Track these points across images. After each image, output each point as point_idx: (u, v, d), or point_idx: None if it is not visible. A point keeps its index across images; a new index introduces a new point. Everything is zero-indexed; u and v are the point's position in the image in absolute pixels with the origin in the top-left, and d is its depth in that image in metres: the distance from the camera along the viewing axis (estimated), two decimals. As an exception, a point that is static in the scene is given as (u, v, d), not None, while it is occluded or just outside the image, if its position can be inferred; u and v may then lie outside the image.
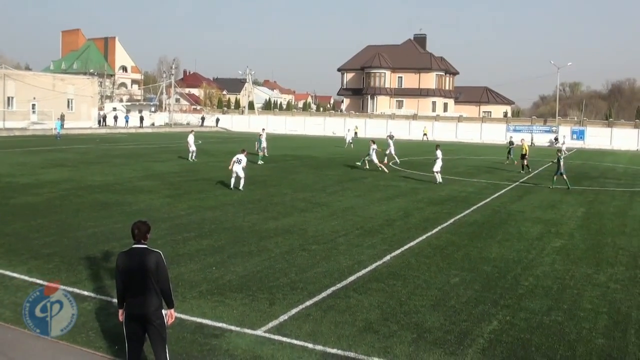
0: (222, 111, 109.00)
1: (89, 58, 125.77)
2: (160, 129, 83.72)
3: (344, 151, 48.60)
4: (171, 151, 44.82)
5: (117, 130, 76.45)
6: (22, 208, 19.01)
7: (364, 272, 12.45)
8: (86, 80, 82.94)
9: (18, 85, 70.33)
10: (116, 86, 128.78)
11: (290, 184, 26.82)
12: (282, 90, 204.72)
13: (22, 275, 11.71)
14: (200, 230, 16.05)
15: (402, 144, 62.95)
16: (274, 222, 17.59)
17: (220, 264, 12.77)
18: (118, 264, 6.85)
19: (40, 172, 28.88)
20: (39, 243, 14.31)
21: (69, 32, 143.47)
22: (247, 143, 46.99)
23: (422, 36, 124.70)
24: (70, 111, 76.48)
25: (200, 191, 23.52)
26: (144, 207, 19.66)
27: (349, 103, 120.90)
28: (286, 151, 47.61)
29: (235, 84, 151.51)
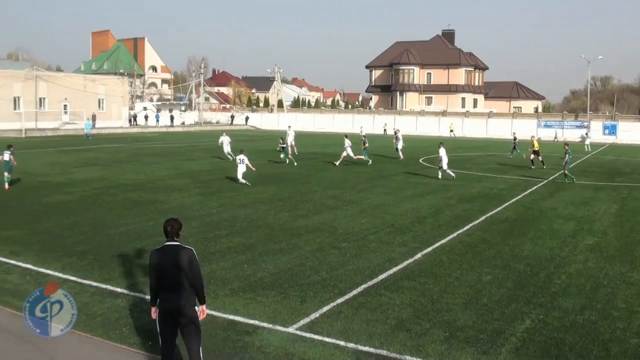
0: (251, 109, 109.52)
1: (118, 59, 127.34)
2: (190, 127, 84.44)
3: (373, 148, 48.42)
4: (201, 149, 45.16)
5: (148, 129, 77.26)
6: (56, 207, 19.34)
7: (395, 269, 12.40)
8: (116, 80, 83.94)
9: (50, 86, 71.50)
10: (146, 86, 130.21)
11: (319, 181, 26.84)
12: (311, 88, 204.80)
13: (55, 272, 11.92)
14: (231, 228, 16.15)
15: (432, 141, 62.58)
16: (304, 219, 17.62)
17: (252, 261, 12.83)
18: (151, 261, 6.91)
19: (73, 171, 29.35)
20: (72, 241, 14.55)
21: (99, 34, 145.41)
22: (275, 141, 47.10)
23: (450, 31, 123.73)
24: (102, 111, 77.53)
25: (231, 189, 23.66)
26: (175, 205, 19.85)
27: (377, 100, 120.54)
28: (315, 149, 47.65)
29: (264, 82, 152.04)
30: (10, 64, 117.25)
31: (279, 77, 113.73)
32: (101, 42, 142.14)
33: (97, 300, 10.32)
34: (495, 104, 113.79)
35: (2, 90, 66.07)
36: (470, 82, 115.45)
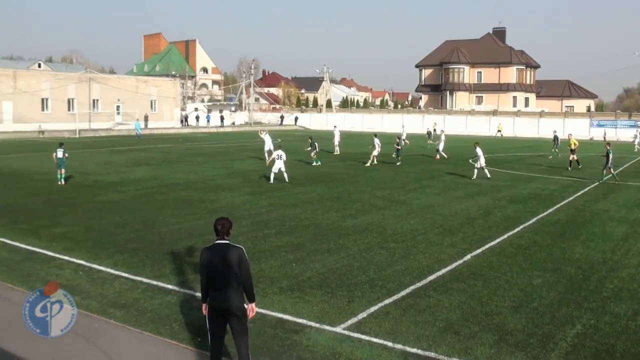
0: (301, 110, 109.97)
1: (170, 60, 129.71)
2: (240, 128, 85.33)
3: (423, 148, 48.05)
4: (251, 149, 45.57)
5: (199, 129, 78.40)
6: (108, 205, 19.82)
7: (444, 271, 12.28)
8: (168, 82, 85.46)
9: (103, 88, 73.27)
10: (197, 87, 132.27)
11: (368, 181, 26.77)
12: (359, 88, 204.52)
13: (108, 268, 12.23)
14: (280, 228, 16.26)
15: (482, 141, 61.70)
16: (352, 219, 17.60)
17: (300, 260, 12.89)
18: (202, 259, 7.00)
19: (125, 170, 30.01)
20: (124, 238, 14.89)
21: (151, 36, 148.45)
22: (325, 141, 47.25)
23: (501, 29, 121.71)
24: (154, 112, 79.05)
25: (280, 189, 23.81)
26: (225, 204, 20.09)
27: (427, 100, 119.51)
28: (364, 149, 47.51)
29: (313, 82, 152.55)
30: (64, 67, 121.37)
31: (328, 78, 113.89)
32: (153, 44, 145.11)
33: (148, 296, 10.53)
34: (546, 103, 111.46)
35: (57, 92, 68.09)
36: (521, 81, 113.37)
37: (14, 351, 8.11)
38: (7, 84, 63.30)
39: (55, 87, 67.95)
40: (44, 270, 12.03)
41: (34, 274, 11.75)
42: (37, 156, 37.63)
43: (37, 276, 11.62)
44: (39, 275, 11.67)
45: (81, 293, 10.63)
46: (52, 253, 13.37)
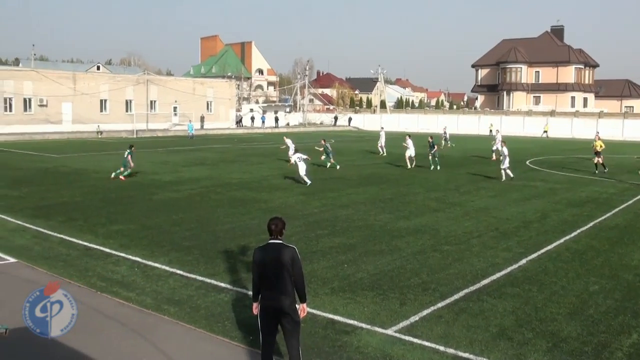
0: (355, 110, 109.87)
1: (226, 62, 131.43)
2: (294, 128, 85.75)
3: (479, 149, 47.35)
4: (305, 150, 45.68)
5: (254, 130, 79.20)
6: (165, 203, 20.23)
7: (498, 275, 12.06)
8: (224, 83, 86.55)
9: (160, 89, 74.77)
10: (253, 88, 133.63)
11: (422, 183, 26.54)
12: (414, 88, 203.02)
13: (163, 265, 12.48)
14: (332, 228, 16.28)
15: (540, 143, 60.42)
16: (405, 221, 17.48)
17: (352, 261, 12.87)
18: (255, 259, 7.07)
19: (181, 170, 30.56)
20: (179, 236, 15.16)
21: (208, 39, 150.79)
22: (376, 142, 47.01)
23: (559, 28, 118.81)
24: (210, 113, 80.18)
25: (333, 189, 23.84)
26: (279, 204, 20.24)
27: (483, 100, 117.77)
28: (418, 149, 47.07)
29: (367, 83, 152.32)
30: (123, 69, 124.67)
31: (382, 78, 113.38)
32: (210, 46, 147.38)
33: (201, 293, 10.69)
34: (605, 104, 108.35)
35: (115, 94, 69.83)
36: (580, 81, 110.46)
37: (71, 345, 8.35)
38: (67, 86, 65.15)
39: (113, 88, 69.72)
40: (100, 266, 12.37)
41: (90, 270, 12.09)
42: (95, 156, 38.70)
43: (94, 272, 11.95)
44: (96, 271, 12.00)
45: (136, 289, 10.88)
46: (109, 249, 13.73)
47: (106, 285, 11.07)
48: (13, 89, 61.01)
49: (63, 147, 45.23)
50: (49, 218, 17.37)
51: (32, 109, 62.66)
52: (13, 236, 15.16)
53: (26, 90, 62.05)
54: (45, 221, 16.89)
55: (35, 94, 62.44)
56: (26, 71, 65.77)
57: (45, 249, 13.83)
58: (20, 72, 65.70)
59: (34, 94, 62.43)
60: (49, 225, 16.31)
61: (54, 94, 63.62)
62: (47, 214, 18.07)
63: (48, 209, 18.88)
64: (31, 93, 62.32)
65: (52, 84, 63.78)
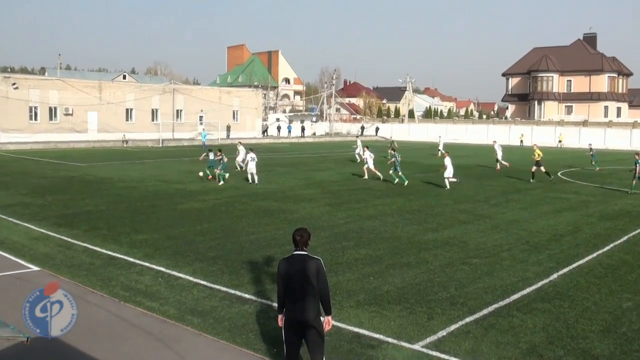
0: (382, 120, 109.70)
1: (253, 71, 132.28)
2: (321, 138, 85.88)
3: (509, 160, 46.81)
4: (331, 160, 45.84)
5: (280, 140, 79.46)
6: (189, 213, 20.37)
7: (528, 290, 11.90)
8: (251, 92, 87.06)
9: (186, 98, 75.50)
10: (279, 97, 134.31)
11: (450, 194, 26.36)
12: (443, 97, 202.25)
13: (187, 275, 12.55)
14: (358, 240, 16.24)
15: (573, 154, 59.66)
16: (433, 233, 17.37)
17: (378, 274, 12.82)
18: (279, 270, 7.08)
19: (207, 179, 30.68)
20: (204, 246, 15.24)
21: (234, 48, 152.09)
22: (406, 152, 46.92)
23: (592, 35, 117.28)
24: (236, 122, 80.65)
25: (359, 200, 23.80)
26: (304, 214, 20.26)
27: (514, 110, 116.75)
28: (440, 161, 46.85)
29: (395, 92, 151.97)
30: (149, 79, 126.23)
31: (410, 87, 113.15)
32: (236, 55, 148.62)
33: (225, 304, 10.71)
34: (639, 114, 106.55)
35: (141, 103, 70.71)
36: (613, 90, 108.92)
37: (94, 354, 8.41)
38: (93, 95, 66.12)
39: (139, 98, 70.60)
40: (124, 276, 12.48)
41: (114, 279, 12.20)
42: (121, 165, 39.16)
43: (117, 281, 12.06)
44: (119, 280, 12.11)
45: (160, 299, 10.95)
46: (133, 259, 13.86)
47: (129, 295, 11.16)
48: (39, 98, 62.06)
49: (88, 156, 45.86)
50: (72, 227, 17.61)
51: (57, 118, 63.68)
52: (37, 244, 15.38)
53: (52, 99, 63.11)
54: (69, 230, 17.13)
55: (61, 103, 63.49)
56: (52, 80, 66.90)
57: (69, 258, 14.00)
58: (46, 81, 66.82)
59: (60, 103, 63.47)
60: (72, 234, 16.53)
61: (80, 103, 64.67)
62: (71, 222, 18.32)
63: (72, 218, 19.14)
64: (57, 102, 63.36)
65: (78, 92, 64.83)
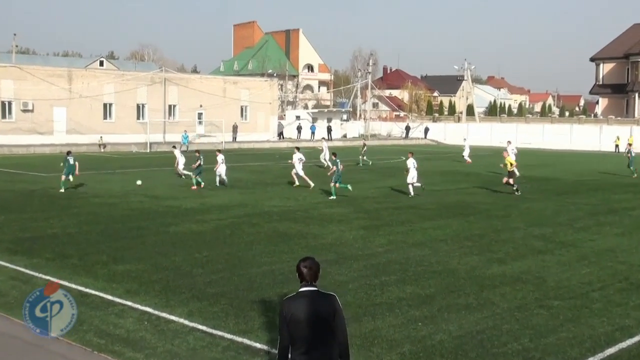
0: (433, 118, 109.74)
1: (266, 56, 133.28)
2: (353, 141, 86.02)
3: (601, 170, 46.47)
4: (367, 170, 45.83)
5: (301, 143, 79.63)
6: (185, 237, 20.44)
7: (629, 342, 11.75)
8: (264, 82, 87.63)
9: (181, 91, 76.21)
10: (300, 89, 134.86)
11: (522, 215, 26.20)
12: (512, 89, 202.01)
13: (180, 318, 12.54)
14: (402, 273, 16.17)
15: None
16: (500, 266, 17.26)
17: (429, 319, 12.74)
18: (284, 313, 6.96)
19: (207, 194, 30.90)
20: (203, 280, 15.26)
21: (243, 26, 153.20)
22: (460, 159, 46.76)
23: None
24: (244, 121, 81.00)
25: (403, 222, 23.74)
26: (332, 240, 20.24)
27: (606, 105, 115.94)
28: (520, 171, 46.58)
29: (450, 82, 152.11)
30: (133, 65, 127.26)
31: (470, 76, 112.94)
32: (246, 36, 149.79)
33: (230, 356, 10.71)
34: None
35: (124, 96, 71.49)
36: None
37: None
38: (60, 86, 66.83)
39: (121, 90, 71.44)
40: (99, 318, 12.48)
41: (86, 322, 12.14)
42: (97, 175, 39.62)
43: (91, 324, 12.02)
44: (93, 324, 12.08)
45: (146, 349, 10.96)
46: (111, 296, 13.88)
47: (106, 343, 11.16)
48: (-12, 90, 62.77)
49: (54, 164, 46.17)
50: (32, 254, 17.71)
51: (13, 115, 64.63)
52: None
53: (5, 91, 63.99)
54: (28, 258, 17.23)
55: (18, 97, 64.31)
56: (5, 67, 67.37)
57: (26, 294, 13.93)
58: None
59: (16, 97, 64.30)
60: (31, 264, 16.61)
61: (43, 96, 65.40)
62: (29, 249, 18.45)
63: (31, 243, 19.26)
64: (12, 95, 64.25)
65: (40, 83, 65.59)
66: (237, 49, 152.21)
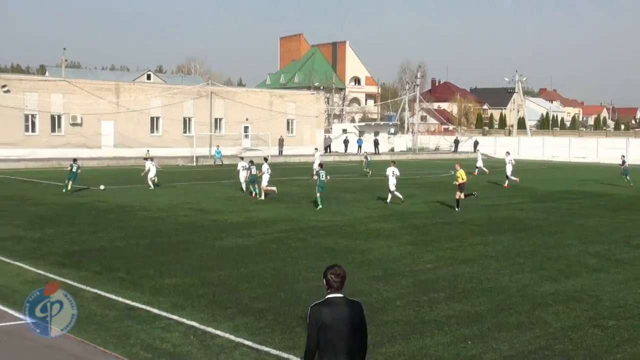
0: (482, 132, 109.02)
1: (313, 69, 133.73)
2: (401, 155, 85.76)
3: None
4: (416, 185, 45.62)
5: (347, 157, 79.65)
6: (230, 252, 20.57)
7: (689, 364, 11.49)
8: (310, 96, 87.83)
9: (228, 104, 76.79)
10: (347, 102, 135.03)
11: (576, 231, 25.84)
12: (565, 101, 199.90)
13: (226, 333, 12.60)
14: (452, 291, 16.06)
15: None
16: (552, 284, 17.04)
17: (479, 337, 12.62)
18: (314, 318, 7.18)
19: (252, 208, 31.06)
20: (248, 295, 15.32)
21: (289, 39, 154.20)
22: (518, 173, 46.35)
23: None
24: (290, 134, 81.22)
25: (452, 238, 23.58)
26: (379, 255, 20.19)
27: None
28: (571, 185, 46.08)
29: (500, 95, 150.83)
30: (180, 79, 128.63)
31: (521, 88, 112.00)
32: (292, 49, 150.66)
33: (276, 373, 10.68)
34: None
35: (170, 110, 72.24)
36: None
37: None
38: (108, 100, 67.73)
39: (168, 103, 72.16)
40: (145, 332, 12.62)
41: (132, 336, 12.33)
42: (143, 189, 39.89)
43: (137, 338, 12.19)
44: (139, 338, 12.24)
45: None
46: (157, 310, 14.02)
47: (152, 357, 11.26)
48: (38, 104, 63.90)
49: (101, 177, 46.91)
50: (80, 267, 17.98)
51: (62, 129, 65.64)
52: (32, 289, 15.65)
53: (55, 105, 64.98)
54: (76, 271, 17.49)
55: (67, 111, 65.32)
56: (55, 81, 68.60)
57: (75, 308, 14.24)
58: (48, 82, 68.55)
59: (65, 110, 65.32)
60: (80, 277, 16.85)
61: (91, 110, 66.38)
62: (78, 262, 18.72)
63: (80, 256, 19.57)
64: (61, 109, 65.28)
65: (89, 97, 66.49)
66: (284, 62, 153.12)
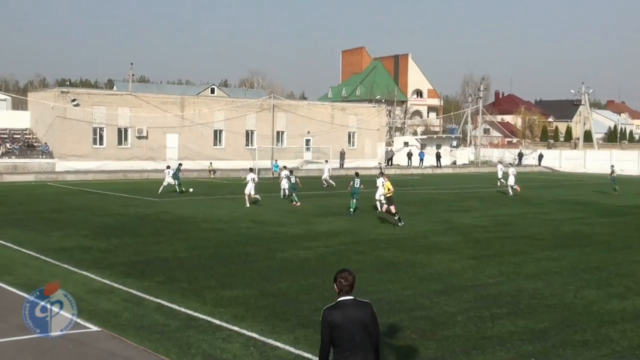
0: (547, 145, 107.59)
1: (375, 81, 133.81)
2: (463, 168, 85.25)
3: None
4: (478, 198, 45.26)
5: (409, 170, 79.41)
6: (291, 264, 20.67)
7: None
8: (372, 109, 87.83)
9: (290, 117, 77.27)
10: (409, 115, 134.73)
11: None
12: (634, 114, 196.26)
13: (286, 345, 12.64)
14: (514, 306, 15.87)
15: None
16: (620, 301, 16.70)
17: (542, 354, 12.46)
18: (327, 320, 7.68)
19: (314, 221, 31.16)
20: (309, 307, 15.33)
21: (351, 52, 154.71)
22: (585, 187, 45.66)
23: None
24: (351, 147, 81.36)
25: (516, 252, 23.31)
26: (440, 269, 20.05)
27: None
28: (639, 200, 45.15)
29: (565, 107, 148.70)
30: (243, 92, 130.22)
31: (587, 100, 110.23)
32: (354, 62, 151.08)
33: (335, 387, 10.64)
34: None
35: (233, 123, 73.00)
36: None
37: None
38: (173, 114, 68.98)
39: (231, 117, 72.89)
40: (206, 342, 12.75)
41: (194, 345, 12.47)
42: (206, 200, 40.37)
43: (198, 348, 12.33)
44: (200, 348, 12.37)
45: (251, 376, 11.03)
46: (218, 321, 14.14)
47: (213, 368, 11.32)
48: (105, 118, 65.38)
49: (165, 190, 47.56)
50: (144, 277, 18.28)
51: (128, 142, 66.96)
52: (97, 298, 16.04)
53: (122, 118, 66.42)
54: (140, 281, 17.78)
55: (133, 124, 66.69)
56: (122, 95, 70.42)
57: (137, 316, 14.47)
58: (115, 96, 70.27)
59: (132, 124, 66.70)
60: (143, 287, 17.12)
61: (157, 123, 67.67)
62: (142, 272, 19.03)
63: (143, 266, 19.88)
64: (128, 122, 66.65)
65: (155, 110, 67.84)
66: (345, 75, 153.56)
